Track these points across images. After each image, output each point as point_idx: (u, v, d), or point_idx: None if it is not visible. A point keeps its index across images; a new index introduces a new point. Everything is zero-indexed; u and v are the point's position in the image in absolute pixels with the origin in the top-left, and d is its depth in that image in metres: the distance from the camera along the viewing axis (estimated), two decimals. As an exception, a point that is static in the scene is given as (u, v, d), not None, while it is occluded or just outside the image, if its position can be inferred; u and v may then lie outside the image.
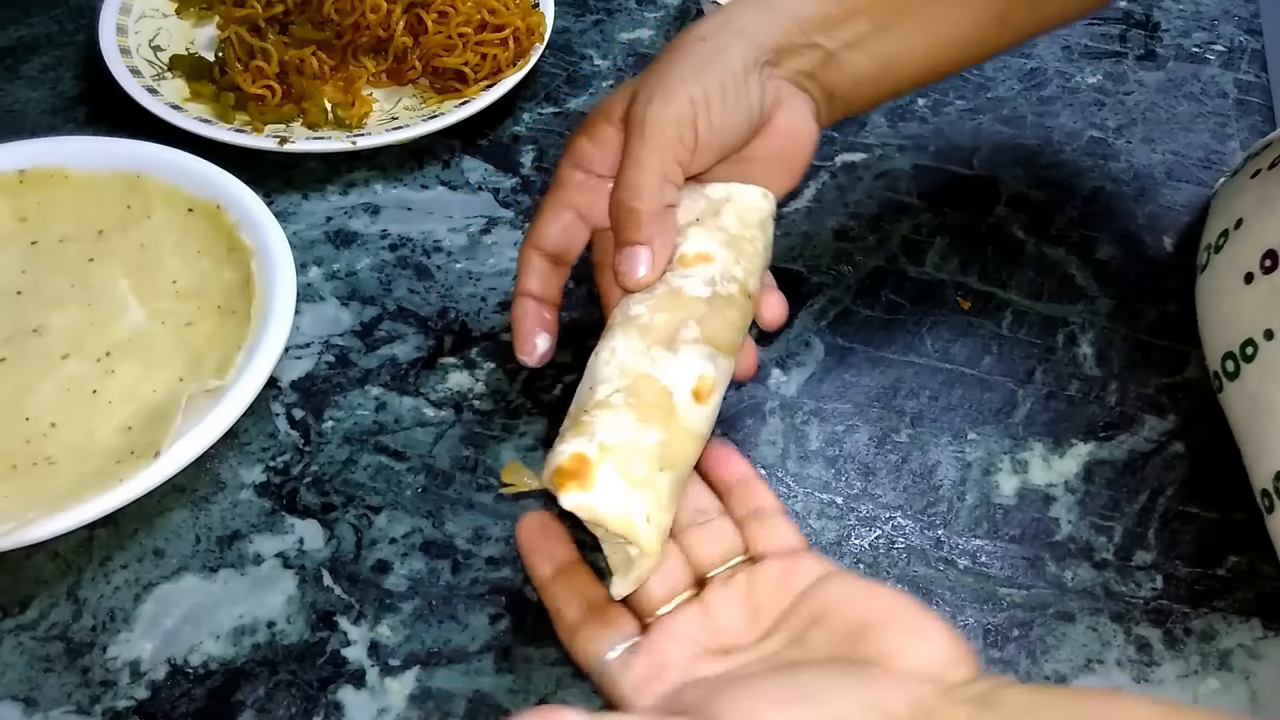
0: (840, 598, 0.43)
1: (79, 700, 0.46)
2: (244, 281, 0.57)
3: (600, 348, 0.46)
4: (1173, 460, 0.57)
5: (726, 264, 0.48)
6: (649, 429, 0.43)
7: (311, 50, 0.70)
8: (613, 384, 0.44)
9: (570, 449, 0.42)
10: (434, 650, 0.49)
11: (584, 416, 0.43)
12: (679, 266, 0.48)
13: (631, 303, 0.47)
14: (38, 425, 0.53)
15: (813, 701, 0.37)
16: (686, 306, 0.46)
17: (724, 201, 0.50)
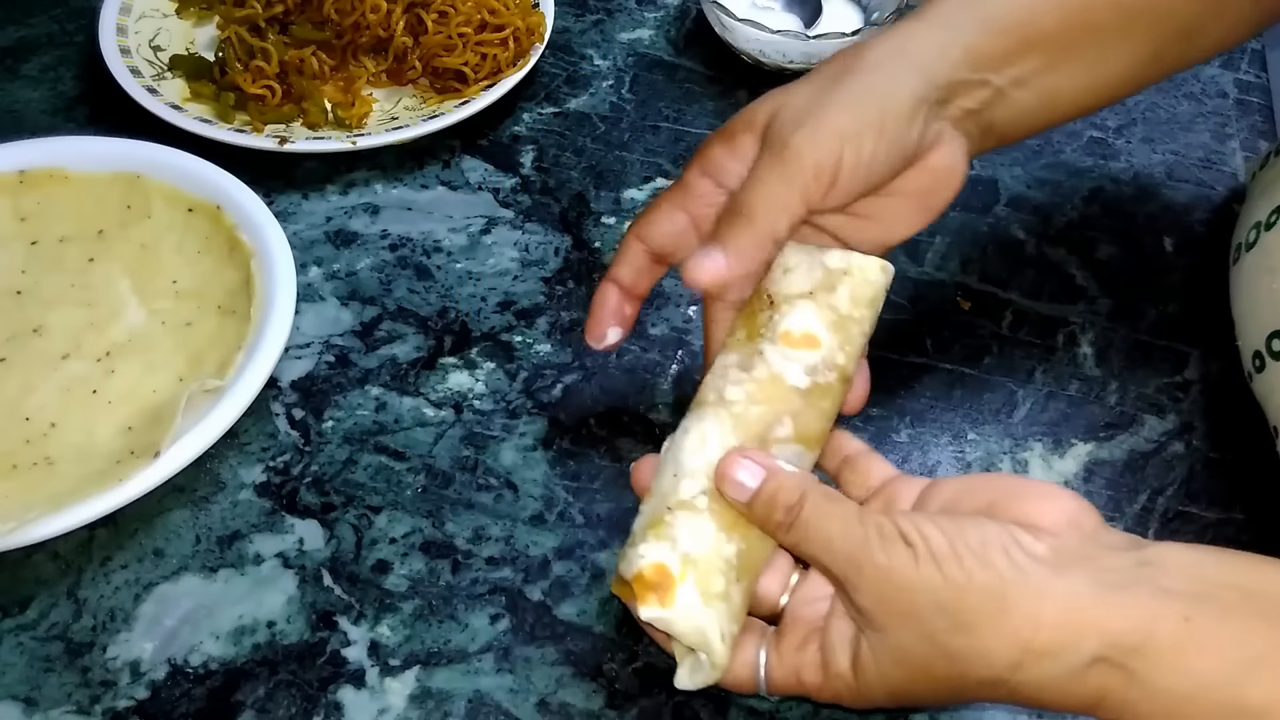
0: (956, 493, 0.43)
1: (79, 700, 0.46)
2: (244, 281, 0.57)
3: (690, 425, 0.44)
4: (1173, 460, 0.57)
5: (831, 350, 0.45)
6: (731, 538, 0.42)
7: (311, 50, 0.70)
8: (698, 482, 0.43)
9: (652, 557, 0.41)
10: (434, 650, 0.49)
11: (666, 516, 0.42)
12: (782, 344, 0.45)
13: (729, 381, 0.45)
14: (38, 425, 0.53)
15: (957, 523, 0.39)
16: (784, 399, 0.44)
17: (841, 275, 0.46)
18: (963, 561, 0.38)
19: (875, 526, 0.39)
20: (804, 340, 0.45)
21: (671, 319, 0.62)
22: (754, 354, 0.45)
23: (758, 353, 0.45)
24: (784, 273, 0.46)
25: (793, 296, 0.46)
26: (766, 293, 0.46)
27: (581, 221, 0.66)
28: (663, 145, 0.71)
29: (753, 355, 0.45)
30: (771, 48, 0.72)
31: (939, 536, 0.38)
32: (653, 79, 0.75)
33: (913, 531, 0.39)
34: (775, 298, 0.46)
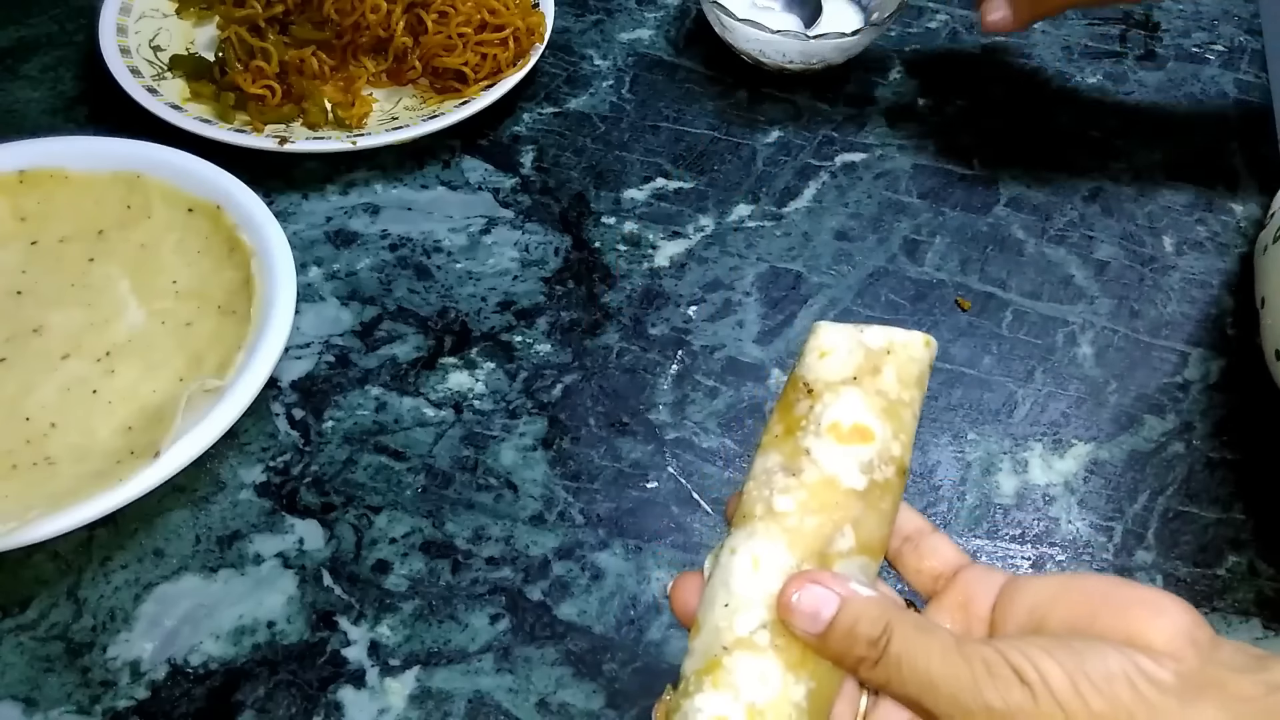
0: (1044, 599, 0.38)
1: (79, 700, 0.46)
2: (244, 281, 0.57)
3: (737, 545, 0.39)
4: (1173, 460, 0.57)
5: (885, 441, 0.40)
6: (799, 677, 0.37)
7: (311, 50, 0.70)
8: (756, 613, 0.37)
9: (712, 711, 0.36)
10: (434, 650, 0.49)
11: (724, 658, 0.37)
12: (830, 438, 0.39)
13: (775, 489, 0.39)
14: (38, 425, 0.53)
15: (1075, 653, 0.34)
16: (842, 505, 0.39)
17: (884, 355, 0.41)
18: (1088, 701, 0.33)
19: (982, 661, 0.35)
20: (855, 434, 0.39)
21: (671, 319, 0.62)
22: (800, 454, 0.39)
23: (804, 452, 0.39)
24: (820, 357, 0.41)
25: (834, 383, 0.40)
26: (802, 380, 0.41)
27: (581, 221, 0.66)
28: (663, 145, 0.71)
29: (798, 456, 0.39)
30: (771, 48, 0.72)
31: (1057, 671, 0.34)
32: (653, 79, 0.75)
33: (1028, 667, 0.34)
34: (814, 385, 0.40)
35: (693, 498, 0.54)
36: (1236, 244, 0.68)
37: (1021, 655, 0.34)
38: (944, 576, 0.41)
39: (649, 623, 0.50)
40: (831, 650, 0.37)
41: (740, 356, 0.60)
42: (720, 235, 0.66)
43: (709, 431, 0.57)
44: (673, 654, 0.49)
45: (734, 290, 0.63)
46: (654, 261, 0.64)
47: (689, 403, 0.58)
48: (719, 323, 0.62)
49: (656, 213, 0.67)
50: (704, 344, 0.61)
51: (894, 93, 0.76)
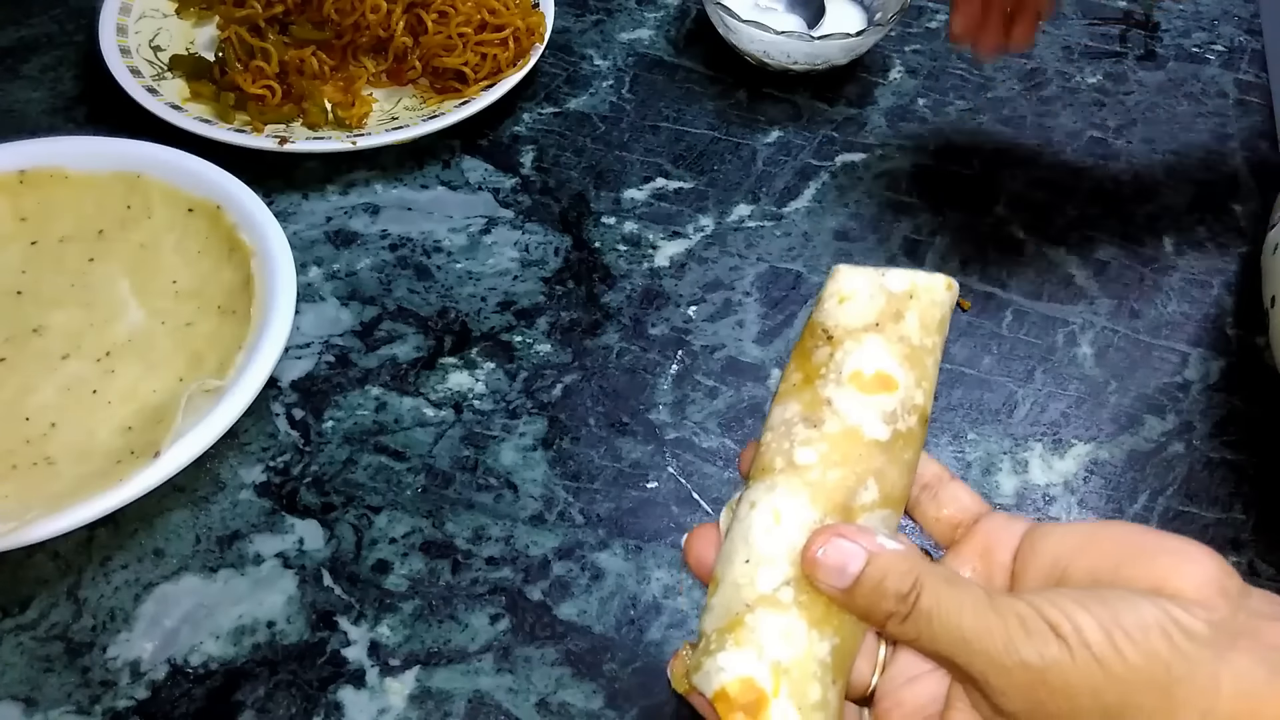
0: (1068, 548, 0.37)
1: (79, 700, 0.46)
2: (244, 281, 0.57)
3: (757, 498, 0.37)
4: (1173, 460, 0.57)
5: (908, 390, 0.38)
6: (824, 634, 0.36)
7: (311, 50, 0.70)
8: (779, 569, 0.36)
9: (737, 670, 0.35)
10: (434, 650, 0.49)
11: (746, 615, 0.36)
12: (852, 387, 0.38)
13: (796, 441, 0.37)
14: (38, 425, 0.53)
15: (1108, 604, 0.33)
16: (865, 456, 0.37)
17: (906, 299, 0.39)
18: (1124, 654, 0.33)
19: (1016, 616, 0.34)
20: (878, 383, 0.38)
21: (671, 319, 0.62)
22: (820, 404, 0.38)
23: (825, 402, 0.38)
24: (839, 302, 0.39)
25: (856, 330, 0.38)
26: (821, 326, 0.39)
27: (581, 221, 0.66)
28: (663, 145, 0.71)
29: (819, 406, 0.38)
30: (775, 49, 0.72)
31: (1092, 624, 0.33)
32: (653, 79, 0.75)
33: (1063, 621, 0.33)
34: (834, 332, 0.39)
35: (693, 498, 0.54)
36: (1236, 244, 0.68)
37: (1055, 609, 0.33)
38: (963, 525, 0.40)
39: (649, 623, 0.50)
40: (858, 605, 0.35)
41: (740, 356, 0.60)
42: (720, 235, 0.66)
43: (709, 431, 0.57)
44: (673, 653, 0.49)
45: (734, 290, 0.63)
46: (654, 261, 0.64)
47: (689, 403, 0.58)
48: (719, 323, 0.62)
49: (656, 213, 0.67)
50: (704, 344, 0.61)
51: (894, 93, 0.76)
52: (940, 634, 0.34)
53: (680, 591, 0.51)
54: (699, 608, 0.50)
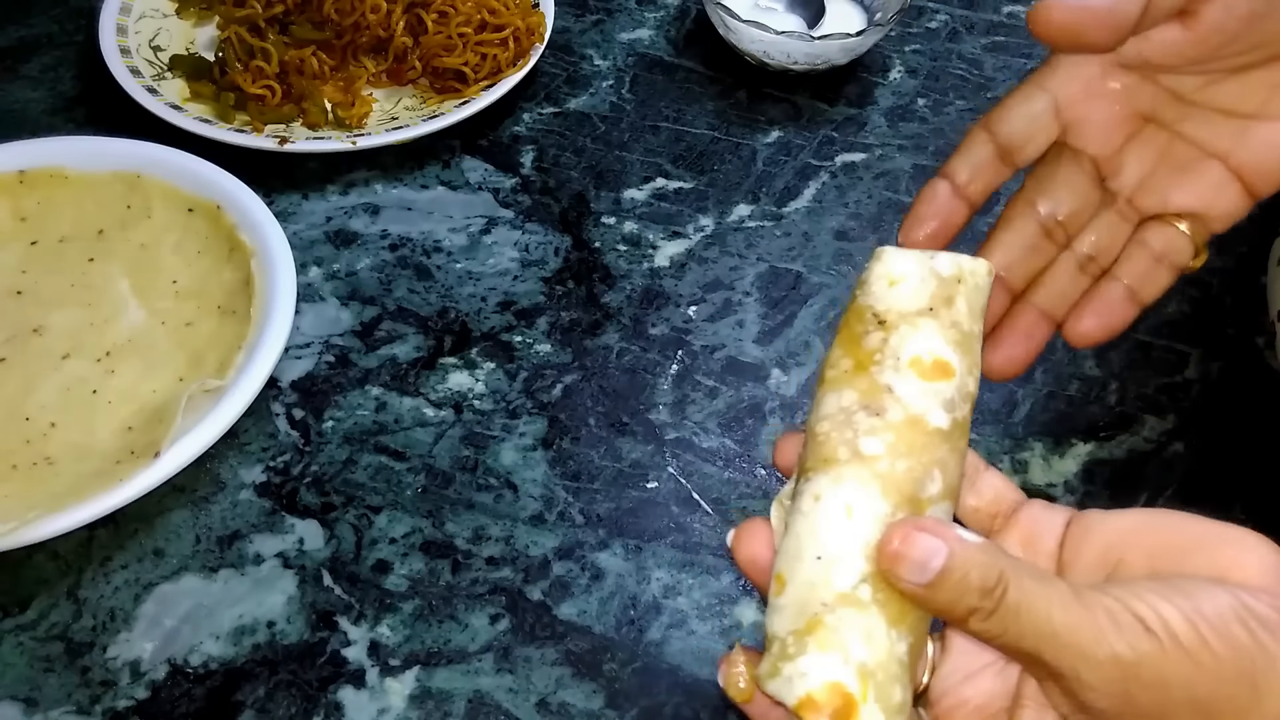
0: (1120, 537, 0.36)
1: (79, 700, 0.46)
2: (244, 281, 0.57)
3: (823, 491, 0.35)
4: (1173, 460, 0.57)
5: (962, 376, 0.37)
6: (901, 634, 0.34)
7: (311, 50, 0.70)
8: (855, 566, 0.34)
9: (823, 674, 0.33)
10: (434, 650, 0.49)
11: (826, 616, 0.34)
12: (912, 373, 0.36)
13: (860, 431, 0.36)
14: (38, 425, 0.53)
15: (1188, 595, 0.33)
16: (929, 447, 0.36)
17: (955, 284, 0.38)
18: (1211, 646, 0.32)
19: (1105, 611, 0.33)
20: (937, 369, 0.36)
21: (671, 319, 0.62)
22: (880, 391, 0.36)
23: (885, 389, 0.36)
24: (890, 285, 0.38)
25: (910, 314, 0.37)
26: (871, 311, 0.38)
27: (581, 221, 0.66)
28: (663, 145, 0.71)
29: (879, 394, 0.36)
30: (776, 49, 0.72)
31: (1178, 616, 0.32)
32: (653, 79, 0.75)
33: (1150, 615, 0.32)
34: (886, 316, 0.37)
35: (693, 498, 0.54)
36: (1236, 244, 0.68)
37: (1141, 602, 0.33)
38: (1001, 515, 0.39)
39: (649, 623, 0.50)
40: (939, 602, 0.33)
41: (740, 356, 0.60)
42: (720, 235, 0.66)
43: (709, 431, 0.57)
44: (672, 654, 0.49)
45: (734, 290, 0.63)
46: (654, 261, 0.64)
47: (689, 403, 0.58)
48: (719, 323, 0.62)
49: (656, 213, 0.67)
50: (704, 344, 0.61)
51: (894, 93, 0.76)
52: (1028, 629, 0.33)
53: (680, 591, 0.51)
54: (699, 608, 0.50)
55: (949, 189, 0.42)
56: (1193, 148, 0.43)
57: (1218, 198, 0.43)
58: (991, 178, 0.43)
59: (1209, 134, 0.42)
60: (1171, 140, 0.43)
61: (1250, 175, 0.42)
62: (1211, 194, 0.43)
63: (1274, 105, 0.41)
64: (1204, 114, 0.42)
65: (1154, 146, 0.43)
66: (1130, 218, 0.45)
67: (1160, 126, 0.43)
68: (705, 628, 0.50)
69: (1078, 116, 0.42)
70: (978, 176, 0.42)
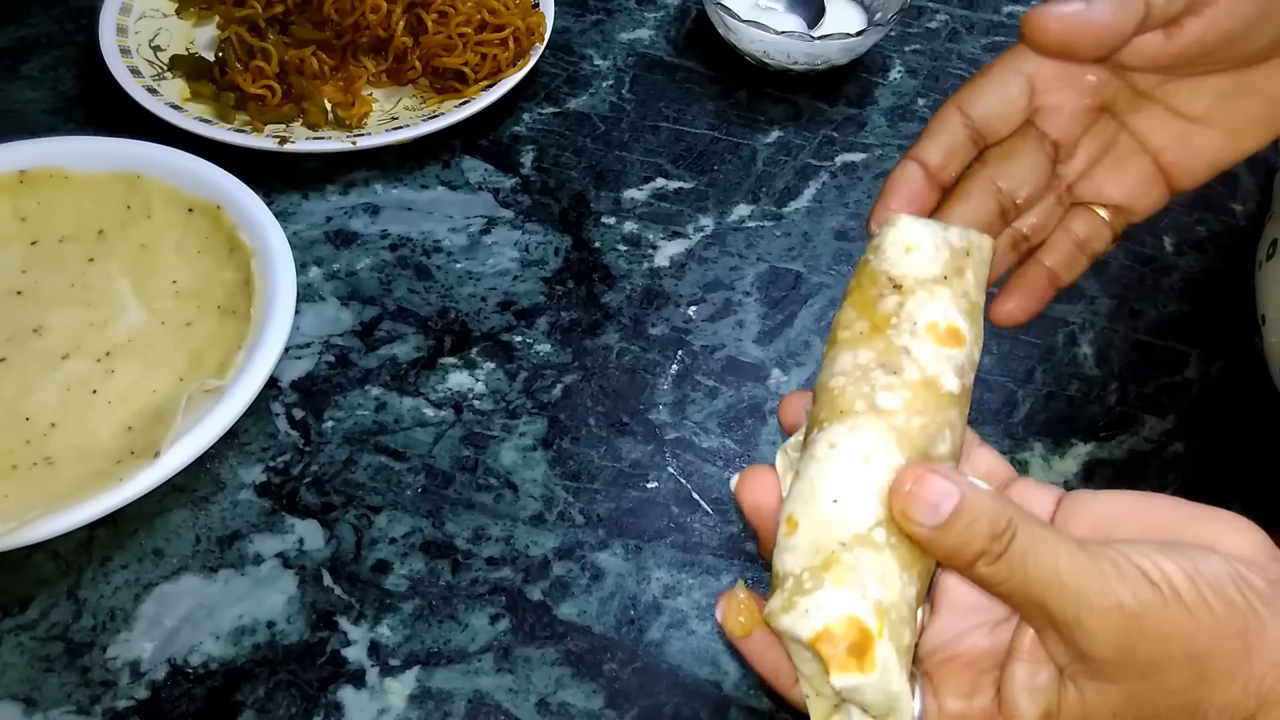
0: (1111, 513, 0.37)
1: (79, 700, 0.46)
2: (244, 281, 0.57)
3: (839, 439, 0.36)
4: (1173, 460, 0.57)
5: (970, 345, 0.38)
6: (911, 579, 0.35)
7: (311, 50, 0.70)
8: (871, 510, 0.35)
9: (841, 608, 0.34)
10: (434, 650, 0.49)
11: (844, 554, 0.35)
12: (929, 337, 0.37)
13: (877, 386, 0.37)
14: (38, 425, 0.53)
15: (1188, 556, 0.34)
16: (941, 408, 0.37)
17: (965, 255, 0.39)
18: (1209, 604, 0.33)
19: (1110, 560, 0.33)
20: (950, 335, 0.38)
21: (671, 319, 0.62)
22: (897, 352, 0.37)
23: (902, 350, 0.37)
24: (905, 251, 0.39)
25: (926, 281, 0.38)
26: (887, 275, 0.38)
27: (581, 221, 0.66)
28: (663, 145, 0.71)
29: (896, 354, 0.37)
30: (776, 49, 0.72)
31: (1179, 573, 0.33)
32: (653, 79, 0.75)
33: (1151, 568, 0.33)
34: (903, 281, 0.38)
35: (693, 498, 0.54)
36: (1236, 244, 0.68)
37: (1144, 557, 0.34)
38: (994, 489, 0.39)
39: (649, 623, 0.50)
40: (947, 544, 0.34)
41: (740, 356, 0.60)
42: (720, 235, 0.66)
43: (709, 431, 0.57)
44: (672, 654, 0.49)
45: (734, 290, 0.63)
46: (654, 261, 0.64)
47: (689, 403, 0.58)
48: (719, 323, 0.62)
49: (656, 213, 0.67)
50: (704, 344, 0.61)
51: (894, 93, 0.76)
52: (1034, 574, 0.33)
53: (680, 591, 0.51)
54: (699, 608, 0.50)
55: (921, 173, 0.42)
56: (1133, 141, 0.44)
57: (1144, 193, 0.45)
58: (963, 158, 0.43)
59: (1150, 129, 0.44)
60: (1118, 132, 0.45)
61: (1176, 174, 0.44)
62: (1140, 189, 0.44)
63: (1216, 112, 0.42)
64: (1153, 109, 0.44)
65: (1103, 138, 0.45)
66: (1064, 202, 0.46)
67: (1112, 117, 0.45)
68: (705, 628, 0.50)
69: (1050, 102, 0.42)
70: (951, 160, 0.42)
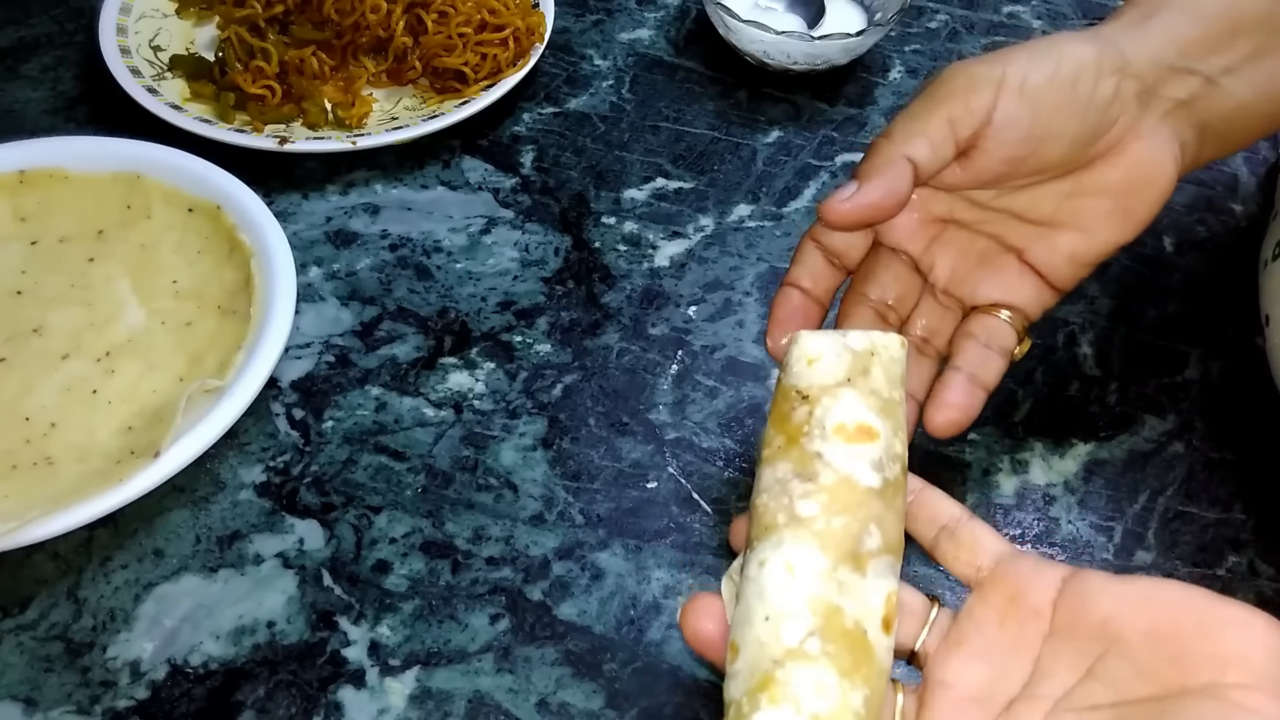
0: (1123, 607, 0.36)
1: (79, 700, 0.46)
2: (244, 281, 0.57)
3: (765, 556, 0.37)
4: (1173, 460, 0.57)
5: (888, 438, 0.39)
6: (855, 686, 0.35)
7: (311, 50, 0.70)
8: (801, 621, 0.36)
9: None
10: (434, 650, 0.49)
11: (777, 672, 0.35)
12: (838, 438, 0.39)
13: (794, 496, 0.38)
14: (38, 425, 0.53)
15: None
16: (863, 504, 0.38)
17: (869, 356, 0.40)
18: None
19: None
20: (861, 433, 0.39)
21: (671, 319, 0.62)
22: (810, 459, 0.38)
23: (815, 456, 0.38)
24: (809, 364, 0.41)
25: (830, 386, 0.40)
26: (794, 389, 0.40)
27: (581, 221, 0.66)
28: (663, 145, 0.71)
29: (809, 461, 0.38)
30: (776, 49, 0.72)
31: None
32: (653, 79, 0.75)
33: None
34: (809, 391, 0.40)
35: (693, 498, 0.54)
36: (1236, 244, 0.68)
37: None
38: (984, 568, 0.40)
39: (649, 623, 0.50)
40: None
41: (740, 356, 0.60)
42: (720, 235, 0.66)
43: (709, 431, 0.57)
44: (672, 654, 0.49)
45: (734, 290, 0.63)
46: (654, 261, 0.64)
47: (689, 403, 0.58)
48: (719, 323, 0.62)
49: (656, 213, 0.67)
50: (704, 344, 0.61)
51: (894, 93, 0.76)
52: None
53: (680, 592, 0.51)
54: (699, 608, 0.50)
55: (798, 294, 0.47)
56: (992, 243, 0.48)
57: (1019, 289, 0.47)
58: (831, 280, 0.48)
59: (1004, 232, 0.47)
60: (973, 238, 0.48)
61: (1046, 271, 0.47)
62: (1014, 286, 0.47)
63: (1064, 212, 0.45)
64: (1000, 217, 0.47)
65: (957, 244, 0.48)
66: (952, 307, 0.49)
67: (961, 226, 0.48)
68: (705, 628, 0.50)
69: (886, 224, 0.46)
70: (819, 281, 0.48)
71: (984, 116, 0.42)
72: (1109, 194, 0.44)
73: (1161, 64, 0.44)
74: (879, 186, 0.42)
